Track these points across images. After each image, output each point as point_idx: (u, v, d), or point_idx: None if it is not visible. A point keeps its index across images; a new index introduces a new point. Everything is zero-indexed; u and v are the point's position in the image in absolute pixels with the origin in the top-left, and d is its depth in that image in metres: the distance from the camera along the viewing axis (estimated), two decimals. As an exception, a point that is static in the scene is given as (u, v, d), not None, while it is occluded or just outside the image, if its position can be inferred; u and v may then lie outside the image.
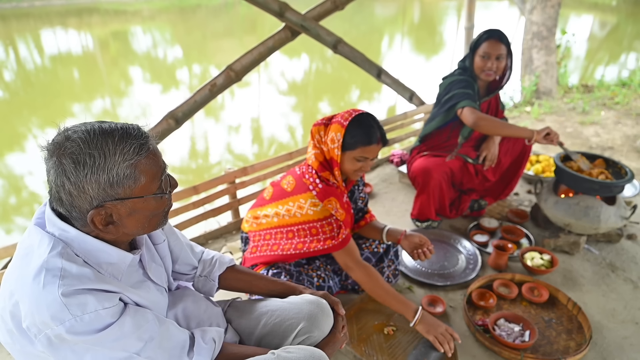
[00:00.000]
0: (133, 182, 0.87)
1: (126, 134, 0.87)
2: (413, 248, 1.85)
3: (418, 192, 2.59)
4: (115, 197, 0.86)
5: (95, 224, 0.87)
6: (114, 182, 0.85)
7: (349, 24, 15.45)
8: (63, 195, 0.85)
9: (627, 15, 16.72)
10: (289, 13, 2.88)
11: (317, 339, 1.23)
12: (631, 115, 5.08)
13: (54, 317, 0.81)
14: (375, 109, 7.63)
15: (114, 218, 0.89)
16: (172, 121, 2.70)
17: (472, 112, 2.38)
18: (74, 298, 0.82)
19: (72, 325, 0.81)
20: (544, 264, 2.24)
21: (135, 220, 0.92)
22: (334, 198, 1.69)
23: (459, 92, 2.46)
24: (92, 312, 0.83)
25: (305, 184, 1.70)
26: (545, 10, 5.79)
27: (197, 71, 10.82)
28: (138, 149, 0.87)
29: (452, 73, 2.59)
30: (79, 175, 0.82)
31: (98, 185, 0.84)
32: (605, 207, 2.27)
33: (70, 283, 0.83)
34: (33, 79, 10.06)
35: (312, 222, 1.69)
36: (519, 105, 5.83)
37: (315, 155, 1.72)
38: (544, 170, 3.23)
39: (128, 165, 0.85)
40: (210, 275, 1.30)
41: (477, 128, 2.39)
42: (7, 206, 4.63)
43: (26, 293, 0.83)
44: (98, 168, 0.83)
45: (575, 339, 1.84)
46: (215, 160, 5.74)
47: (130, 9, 20.52)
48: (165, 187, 0.95)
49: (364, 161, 1.67)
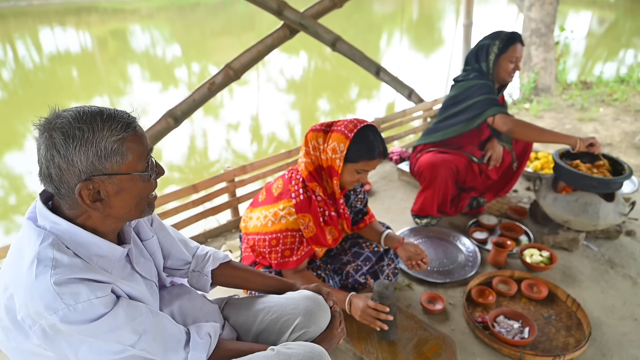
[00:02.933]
0: (120, 157, 0.89)
1: (114, 114, 0.91)
2: (408, 257, 1.86)
3: (423, 187, 2.56)
4: (103, 171, 0.89)
5: (83, 198, 0.88)
6: (102, 156, 0.87)
7: (347, 22, 15.44)
8: (52, 171, 0.87)
9: (626, 12, 16.71)
10: (287, 11, 2.88)
11: (313, 334, 1.24)
12: (630, 111, 5.08)
13: (47, 307, 0.82)
14: (373, 106, 7.63)
15: (101, 195, 0.91)
16: (171, 120, 2.70)
17: (507, 119, 2.34)
18: (66, 287, 0.83)
19: (66, 314, 0.83)
20: (543, 260, 2.24)
21: (121, 200, 0.93)
22: (309, 215, 1.67)
23: (483, 99, 2.40)
24: (85, 301, 0.84)
25: (289, 191, 1.68)
26: (544, 7, 5.79)
27: (195, 69, 10.81)
28: (125, 127, 0.90)
29: (467, 76, 2.51)
30: (68, 147, 0.85)
31: (87, 158, 0.86)
32: (604, 204, 2.28)
33: (62, 272, 0.84)
34: (32, 77, 10.05)
35: (277, 233, 1.66)
36: (518, 102, 5.83)
37: (306, 164, 1.68)
38: (543, 167, 3.24)
39: (115, 140, 0.88)
40: (203, 270, 1.31)
41: (513, 135, 2.34)
42: (6, 205, 4.62)
43: (20, 284, 0.85)
44: (87, 141, 0.86)
45: (575, 335, 1.84)
46: (215, 158, 5.74)
47: (128, 8, 20.48)
48: (151, 170, 0.97)
49: (364, 173, 1.66)
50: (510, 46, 2.38)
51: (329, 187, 1.72)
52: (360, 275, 1.96)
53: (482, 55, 2.46)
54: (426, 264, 1.85)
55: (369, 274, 1.98)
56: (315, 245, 1.73)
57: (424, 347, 1.72)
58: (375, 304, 1.61)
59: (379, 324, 1.61)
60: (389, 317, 1.61)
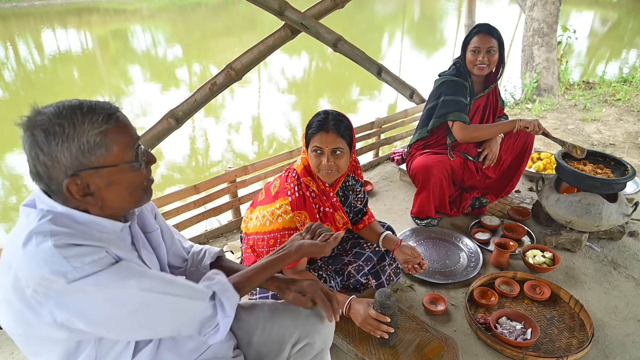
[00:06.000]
0: (105, 150, 0.88)
1: (94, 106, 0.89)
2: (405, 260, 1.86)
3: (418, 190, 2.59)
4: (89, 165, 0.87)
5: (72, 193, 0.87)
6: (85, 150, 0.86)
7: (348, 22, 15.43)
8: (39, 168, 0.87)
9: (628, 12, 16.67)
10: (288, 11, 2.87)
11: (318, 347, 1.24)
12: (633, 112, 5.06)
13: (54, 272, 0.80)
14: (375, 106, 7.63)
15: (91, 189, 0.90)
16: (173, 120, 2.69)
17: (461, 129, 2.48)
18: (69, 250, 0.82)
19: (74, 276, 0.81)
20: (545, 261, 2.23)
21: (114, 192, 0.92)
22: (305, 212, 1.67)
23: (448, 100, 2.49)
24: (89, 262, 0.83)
25: (285, 189, 1.69)
26: (546, 7, 5.78)
27: (197, 70, 10.82)
28: (107, 118, 0.89)
29: (447, 71, 2.60)
30: (50, 144, 0.84)
31: (70, 154, 0.85)
32: (607, 205, 2.26)
33: (61, 238, 0.83)
34: (33, 78, 10.06)
35: (275, 232, 1.66)
36: (520, 102, 5.82)
37: (302, 159, 1.72)
38: (546, 168, 3.23)
39: (97, 132, 0.87)
40: (200, 264, 1.31)
41: (466, 142, 2.53)
42: (6, 205, 4.63)
43: (23, 259, 0.84)
44: (68, 137, 0.85)
45: (577, 336, 1.83)
46: (216, 159, 5.74)
47: (129, 8, 20.51)
48: (140, 158, 0.96)
49: (321, 153, 1.63)
50: (472, 37, 2.45)
51: (320, 182, 1.73)
52: (361, 276, 1.95)
53: (461, 49, 2.54)
54: (423, 268, 1.85)
55: (370, 274, 1.97)
56: None
57: (426, 348, 1.71)
58: (376, 313, 1.60)
59: (380, 334, 1.61)
60: (390, 328, 1.61)
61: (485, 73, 2.49)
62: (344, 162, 1.66)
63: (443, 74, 2.60)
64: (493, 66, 2.48)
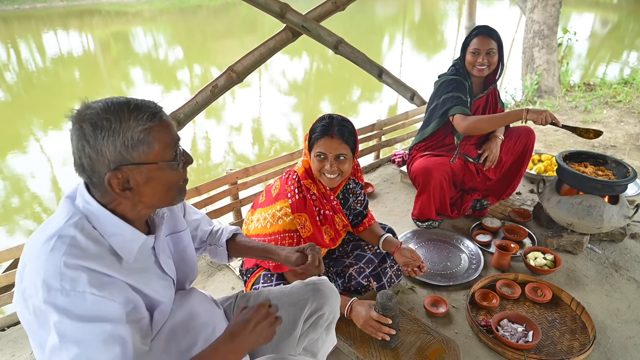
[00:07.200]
0: (147, 147, 0.91)
1: (141, 104, 0.93)
2: (405, 263, 1.86)
3: (419, 192, 2.59)
4: (131, 161, 0.90)
5: (113, 187, 0.90)
6: (129, 146, 0.89)
7: (349, 24, 15.46)
8: (84, 160, 0.89)
9: (629, 13, 16.68)
10: (289, 14, 2.88)
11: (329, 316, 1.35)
12: (634, 113, 5.06)
13: (44, 282, 0.82)
14: (376, 108, 7.63)
15: (130, 184, 0.92)
16: (174, 122, 2.70)
17: (462, 120, 2.44)
18: (71, 271, 0.83)
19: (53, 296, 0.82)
20: (547, 263, 2.23)
21: (151, 189, 0.95)
22: (305, 215, 1.68)
23: (448, 97, 2.49)
24: (79, 291, 0.83)
25: (286, 191, 1.69)
26: (546, 9, 5.78)
27: (198, 72, 10.84)
28: (151, 117, 0.92)
29: (446, 72, 2.61)
30: (97, 138, 0.87)
31: (114, 148, 0.88)
32: (608, 207, 2.26)
33: (75, 255, 0.85)
34: (35, 80, 10.09)
35: (275, 234, 1.67)
36: (521, 104, 5.82)
37: (303, 162, 1.72)
38: (547, 170, 3.22)
39: (141, 129, 0.90)
40: (219, 242, 1.41)
41: (469, 133, 2.47)
42: (9, 208, 4.63)
43: (33, 254, 0.87)
44: (114, 131, 0.88)
45: (579, 339, 1.83)
46: (217, 161, 5.74)
47: (131, 10, 20.57)
48: (179, 158, 0.99)
49: (324, 158, 1.64)
50: (472, 38, 2.46)
51: (321, 185, 1.73)
52: (363, 278, 1.95)
53: (461, 50, 2.55)
54: (423, 271, 1.85)
55: (371, 276, 1.97)
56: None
57: (427, 350, 1.71)
58: (378, 315, 1.61)
59: (381, 335, 1.61)
60: (392, 330, 1.61)
61: (485, 74, 2.50)
62: (347, 167, 1.67)
63: (442, 75, 2.61)
64: (493, 67, 2.49)
